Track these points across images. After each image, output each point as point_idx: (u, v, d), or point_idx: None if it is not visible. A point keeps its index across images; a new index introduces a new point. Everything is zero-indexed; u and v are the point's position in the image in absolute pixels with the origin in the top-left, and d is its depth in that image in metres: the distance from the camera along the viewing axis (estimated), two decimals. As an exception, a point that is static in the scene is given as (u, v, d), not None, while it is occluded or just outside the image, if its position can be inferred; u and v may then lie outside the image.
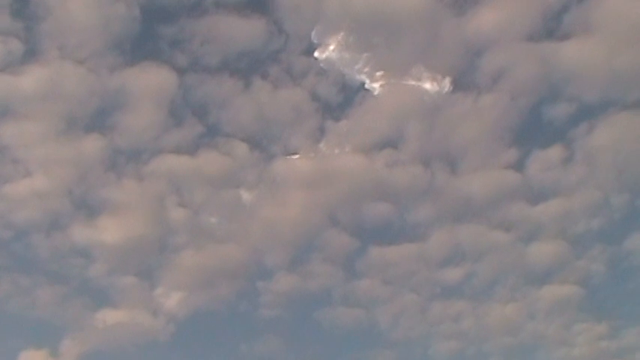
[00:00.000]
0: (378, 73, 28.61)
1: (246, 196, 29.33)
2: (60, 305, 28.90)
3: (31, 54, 29.04)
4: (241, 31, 29.88)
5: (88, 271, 29.09)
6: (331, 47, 28.46)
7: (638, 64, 28.34)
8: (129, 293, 29.07)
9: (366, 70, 28.68)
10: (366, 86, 29.05)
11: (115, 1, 29.20)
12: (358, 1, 28.71)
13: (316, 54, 28.94)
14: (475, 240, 29.67)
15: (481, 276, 29.56)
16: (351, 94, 29.79)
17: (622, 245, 29.50)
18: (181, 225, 29.44)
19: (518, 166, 29.54)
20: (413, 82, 28.86)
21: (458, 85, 29.38)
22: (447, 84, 28.88)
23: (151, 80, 29.29)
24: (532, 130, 30.17)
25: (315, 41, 28.80)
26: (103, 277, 29.05)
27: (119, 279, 29.23)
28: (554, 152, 29.62)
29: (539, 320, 29.18)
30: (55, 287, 29.08)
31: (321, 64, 29.22)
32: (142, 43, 29.76)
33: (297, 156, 29.43)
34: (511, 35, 29.26)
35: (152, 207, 29.34)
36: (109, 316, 28.59)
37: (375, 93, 29.18)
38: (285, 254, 29.67)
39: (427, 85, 28.81)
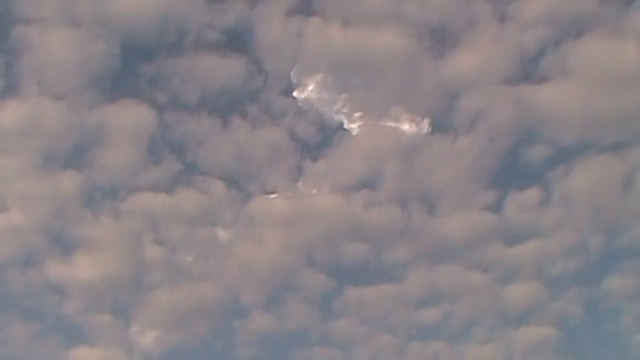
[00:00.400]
0: (357, 114, 28.84)
1: (222, 234, 29.37)
2: (34, 342, 28.71)
3: (10, 89, 29.12)
4: (221, 69, 30.09)
5: (62, 308, 28.94)
6: (310, 87, 28.69)
7: (614, 108, 28.70)
8: (104, 331, 28.90)
9: (344, 110, 28.92)
10: (345, 126, 29.31)
11: (96, 38, 29.38)
12: (337, 42, 29.01)
13: (295, 94, 29.22)
14: (452, 281, 29.74)
15: (458, 317, 29.60)
16: (329, 134, 30.03)
17: (599, 287, 29.61)
18: (157, 263, 29.37)
19: (496, 207, 29.72)
20: (391, 123, 29.11)
21: (436, 127, 29.73)
22: (424, 125, 29.13)
23: (130, 117, 29.41)
24: (509, 172, 30.38)
25: (294, 81, 29.09)
26: (78, 315, 28.90)
27: (94, 317, 29.08)
28: (532, 194, 29.82)
29: (516, 362, 29.20)
30: (29, 324, 28.85)
31: (300, 104, 29.49)
32: (121, 81, 29.89)
33: (274, 195, 29.53)
34: (488, 78, 29.62)
35: (128, 244, 29.29)
36: (84, 354, 28.39)
37: (354, 133, 29.44)
38: (261, 293, 29.64)
39: (405, 127, 29.05)
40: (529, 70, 29.70)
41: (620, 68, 28.37)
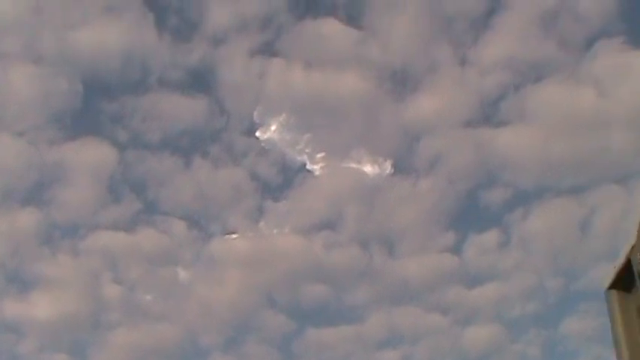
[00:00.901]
0: (319, 155, 28.98)
1: (182, 274, 29.23)
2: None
3: (-31, 125, 28.96)
4: (183, 109, 30.31)
5: (18, 347, 28.44)
6: (272, 128, 28.82)
7: (572, 151, 29.16)
8: (59, 372, 28.46)
9: (306, 151, 29.05)
10: (306, 167, 29.45)
11: (58, 75, 29.47)
12: (299, 83, 29.34)
13: (257, 134, 29.34)
14: (412, 322, 29.72)
15: (418, 358, 29.52)
16: (291, 174, 30.22)
17: (557, 329, 29.77)
18: (116, 302, 29.10)
19: (455, 249, 29.92)
20: (353, 165, 29.28)
21: (397, 169, 30.00)
22: (386, 167, 29.29)
23: (91, 155, 29.41)
24: (469, 215, 30.73)
25: (257, 121, 29.21)
26: (34, 354, 28.43)
27: (50, 356, 28.69)
28: (491, 237, 30.08)
29: (476, 404, 29.13)
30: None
31: (262, 144, 29.61)
32: (83, 118, 30.07)
33: (235, 235, 29.49)
34: (449, 121, 30.06)
35: (86, 283, 29.03)
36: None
37: (315, 174, 29.62)
38: (221, 334, 29.43)
39: (366, 168, 29.21)
40: (489, 114, 30.28)
41: (578, 112, 28.92)
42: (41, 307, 28.33)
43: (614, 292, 8.31)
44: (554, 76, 29.80)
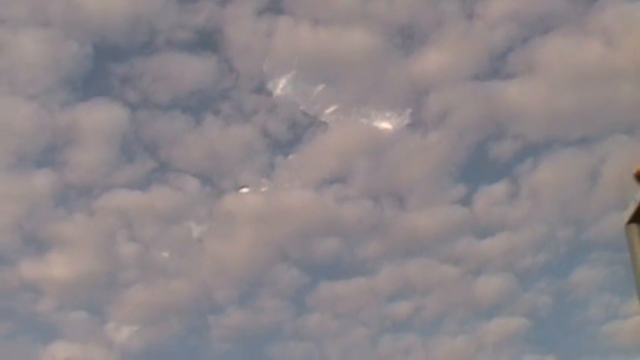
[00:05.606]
0: (328, 111, 29.05)
1: (196, 230, 29.52)
2: (9, 340, 28.74)
3: (-19, 90, 29.18)
4: (192, 68, 30.35)
5: (37, 306, 29.03)
6: (281, 85, 28.86)
7: (580, 103, 29.30)
8: (79, 328, 29.04)
9: (315, 107, 29.15)
10: (316, 123, 29.61)
11: (67, 38, 29.50)
12: (307, 40, 29.35)
13: (267, 91, 29.43)
14: (424, 274, 30.12)
15: (430, 309, 29.97)
16: (300, 130, 30.35)
17: (568, 278, 30.14)
18: (132, 260, 29.55)
19: (466, 201, 30.16)
20: (362, 119, 29.39)
21: (406, 123, 30.04)
22: (395, 121, 29.43)
23: (103, 116, 29.53)
24: (478, 167, 30.91)
25: (266, 79, 29.28)
26: (53, 312, 29.02)
27: (69, 314, 29.25)
28: (501, 188, 30.28)
29: (488, 352, 29.55)
30: (3, 323, 29.01)
31: (272, 101, 29.75)
32: (93, 80, 30.12)
33: (246, 189, 29.71)
34: (457, 74, 30.11)
35: (102, 242, 29.47)
36: (59, 351, 28.36)
37: (325, 129, 29.75)
38: (235, 289, 29.91)
39: (376, 122, 29.34)
40: (497, 67, 30.30)
41: (586, 64, 28.97)
42: (58, 267, 28.82)
43: (633, 225, 8.52)
44: (562, 27, 29.78)
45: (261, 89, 29.77)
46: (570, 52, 29.20)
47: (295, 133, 30.37)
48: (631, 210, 8.19)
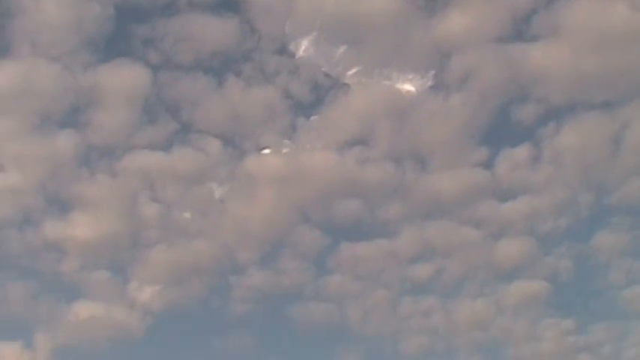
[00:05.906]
0: (350, 72, 28.99)
1: (218, 191, 29.62)
2: (33, 300, 29.11)
3: (4, 50, 29.24)
4: (214, 30, 30.27)
5: (60, 265, 29.27)
6: (303, 46, 28.80)
7: (604, 66, 29.01)
8: (102, 288, 29.33)
9: (337, 69, 29.08)
10: (338, 84, 29.53)
11: (90, 0, 29.52)
12: (330, 2, 29.11)
13: (289, 53, 29.37)
14: (445, 236, 30.17)
15: (451, 272, 30.07)
16: (322, 92, 30.29)
17: (589, 243, 30.14)
18: (154, 220, 29.73)
19: (488, 164, 30.13)
20: (384, 81, 29.28)
21: (429, 85, 29.91)
22: (417, 83, 29.31)
23: (125, 78, 29.54)
24: (501, 130, 30.74)
25: (288, 40, 29.21)
26: (76, 272, 29.24)
27: (92, 273, 29.48)
28: (523, 151, 30.22)
29: (507, 315, 29.71)
30: (28, 282, 29.24)
31: (294, 63, 29.68)
32: (115, 42, 30.05)
33: (268, 150, 29.75)
34: (480, 37, 29.82)
35: (125, 202, 29.61)
36: (83, 311, 28.74)
37: (347, 91, 29.66)
38: (256, 250, 30.06)
39: (398, 85, 29.24)
40: (520, 29, 30.02)
41: (610, 27, 28.62)
42: (81, 227, 29.05)
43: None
44: (587, -10, 29.54)
45: (283, 50, 29.80)
46: (595, 14, 28.90)
47: (317, 94, 30.39)
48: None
